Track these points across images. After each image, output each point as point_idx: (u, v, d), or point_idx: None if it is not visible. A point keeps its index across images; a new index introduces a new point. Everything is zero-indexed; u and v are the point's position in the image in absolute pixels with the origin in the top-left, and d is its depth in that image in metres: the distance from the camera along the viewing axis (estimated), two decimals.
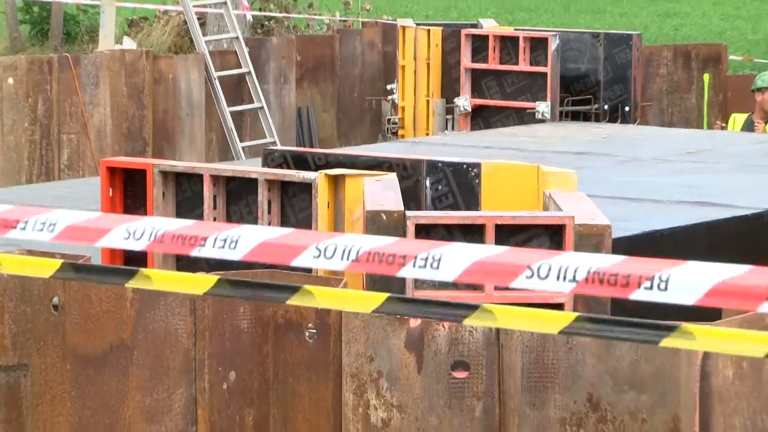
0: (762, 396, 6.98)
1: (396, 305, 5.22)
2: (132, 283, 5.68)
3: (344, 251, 4.88)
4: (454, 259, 4.67)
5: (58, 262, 6.63)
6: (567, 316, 5.12)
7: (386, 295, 5.11)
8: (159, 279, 5.63)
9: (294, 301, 5.36)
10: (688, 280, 4.23)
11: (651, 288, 4.24)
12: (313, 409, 7.36)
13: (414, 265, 4.79)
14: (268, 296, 6.00)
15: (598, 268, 4.35)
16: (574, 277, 4.39)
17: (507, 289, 7.85)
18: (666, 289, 4.21)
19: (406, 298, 6.99)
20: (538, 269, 4.42)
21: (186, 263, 9.48)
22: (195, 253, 5.30)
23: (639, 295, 4.31)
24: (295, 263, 5.16)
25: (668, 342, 5.03)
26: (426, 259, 4.65)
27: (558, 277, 4.43)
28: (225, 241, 5.18)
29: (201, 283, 5.47)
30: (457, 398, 6.94)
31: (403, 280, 8.18)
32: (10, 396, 7.85)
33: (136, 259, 9.71)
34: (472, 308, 4.97)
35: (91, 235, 5.75)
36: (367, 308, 5.35)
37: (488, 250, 4.83)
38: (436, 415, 6.92)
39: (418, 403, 6.96)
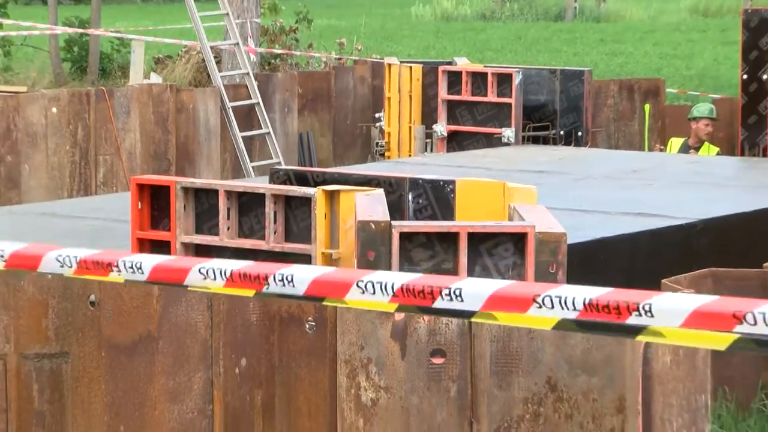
0: (696, 379, 7.01)
1: None
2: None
3: (382, 287, 4.92)
4: (474, 293, 4.74)
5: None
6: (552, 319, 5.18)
7: None
8: None
9: None
10: (668, 307, 4.31)
11: (640, 315, 4.31)
12: (313, 391, 7.38)
13: (442, 298, 4.82)
14: None
15: (591, 299, 4.40)
16: (574, 306, 4.46)
17: None
18: (653, 315, 4.30)
19: None
20: (543, 300, 4.47)
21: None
22: (265, 290, 5.35)
23: (633, 320, 4.37)
24: (347, 298, 5.20)
25: (641, 338, 5.12)
26: (449, 294, 4.67)
27: (562, 307, 4.49)
28: (283, 280, 5.23)
29: None
30: (435, 381, 6.96)
31: None
32: (53, 380, 7.88)
33: None
34: None
35: (176, 275, 5.80)
36: None
37: (499, 284, 4.86)
38: (417, 395, 6.94)
39: (401, 385, 6.97)
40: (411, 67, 20.95)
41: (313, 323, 7.41)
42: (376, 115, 21.21)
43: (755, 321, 4.38)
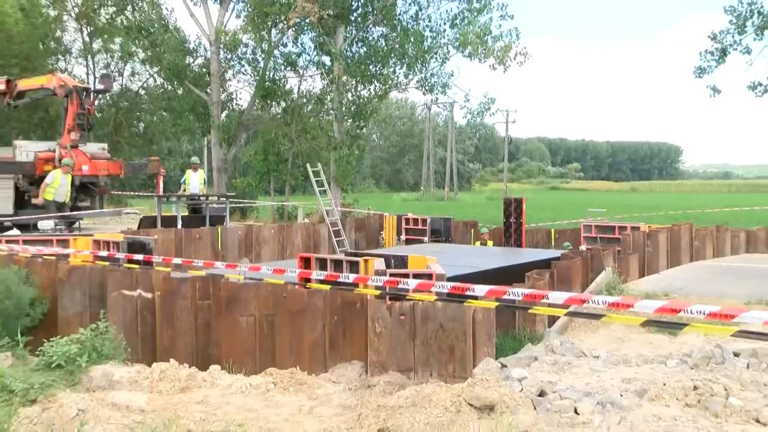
0: (488, 322, 6.97)
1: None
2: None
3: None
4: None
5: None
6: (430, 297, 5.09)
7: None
8: None
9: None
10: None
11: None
12: (359, 328, 7.36)
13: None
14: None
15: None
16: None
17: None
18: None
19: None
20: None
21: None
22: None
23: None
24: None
25: (468, 304, 5.05)
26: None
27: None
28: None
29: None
30: (401, 324, 6.96)
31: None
32: (270, 324, 7.86)
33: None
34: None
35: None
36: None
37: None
38: (395, 329, 6.93)
39: (389, 326, 6.97)
40: (393, 216, 21.04)
41: (359, 305, 7.46)
42: (381, 233, 21.23)
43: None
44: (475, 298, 6.68)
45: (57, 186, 17.43)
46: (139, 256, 9.74)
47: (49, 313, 8.94)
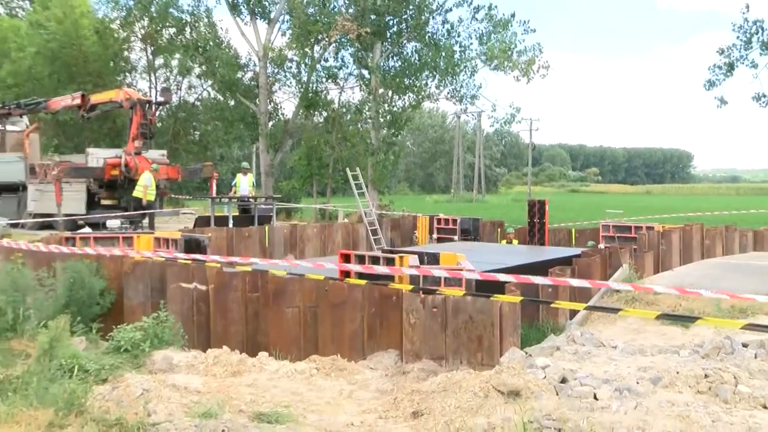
0: (515, 315, 6.90)
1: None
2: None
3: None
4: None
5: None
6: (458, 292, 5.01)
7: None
8: None
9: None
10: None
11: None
12: (395, 319, 7.31)
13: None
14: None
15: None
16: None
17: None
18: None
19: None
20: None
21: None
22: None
23: None
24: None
25: (495, 298, 4.99)
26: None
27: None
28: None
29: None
30: (434, 316, 6.92)
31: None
32: (313, 315, 7.83)
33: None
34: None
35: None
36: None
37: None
38: (428, 320, 6.89)
39: (423, 317, 6.92)
40: (425, 216, 20.86)
41: (395, 298, 7.43)
42: (414, 232, 21.01)
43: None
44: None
45: (153, 188, 18.16)
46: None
47: (116, 302, 9.10)
